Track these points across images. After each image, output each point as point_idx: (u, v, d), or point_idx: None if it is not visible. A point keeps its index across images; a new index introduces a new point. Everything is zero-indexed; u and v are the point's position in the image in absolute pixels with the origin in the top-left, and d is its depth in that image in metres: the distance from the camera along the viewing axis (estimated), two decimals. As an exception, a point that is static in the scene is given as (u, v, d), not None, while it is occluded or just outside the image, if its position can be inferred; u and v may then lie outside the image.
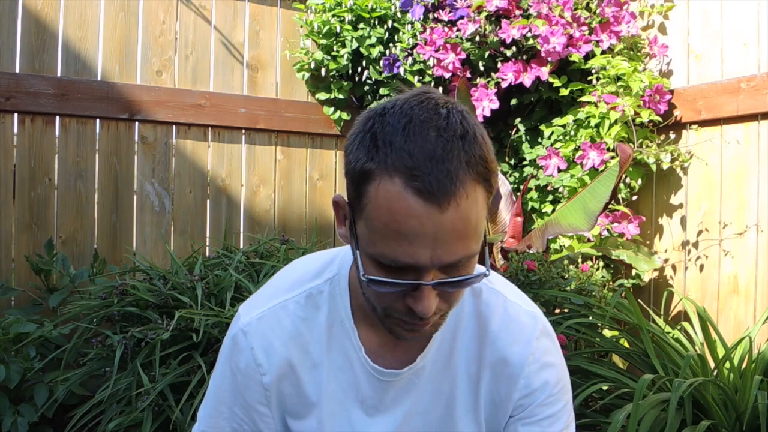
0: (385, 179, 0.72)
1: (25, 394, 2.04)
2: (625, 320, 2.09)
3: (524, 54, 2.73)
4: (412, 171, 0.70)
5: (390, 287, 0.76)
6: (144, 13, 2.78)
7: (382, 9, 2.93)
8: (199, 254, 2.50)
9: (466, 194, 0.72)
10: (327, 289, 0.93)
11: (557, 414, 0.94)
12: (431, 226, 0.71)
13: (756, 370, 1.80)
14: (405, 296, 0.77)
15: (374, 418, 0.95)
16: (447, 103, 0.76)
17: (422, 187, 0.70)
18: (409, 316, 0.79)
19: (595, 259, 2.56)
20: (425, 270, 0.74)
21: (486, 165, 0.75)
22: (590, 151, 2.51)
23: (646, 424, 1.54)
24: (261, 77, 3.05)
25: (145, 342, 1.90)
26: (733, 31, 2.49)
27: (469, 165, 0.72)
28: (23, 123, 2.54)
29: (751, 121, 2.41)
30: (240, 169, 2.99)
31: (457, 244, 0.73)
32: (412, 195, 0.70)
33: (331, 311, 0.93)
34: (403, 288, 0.76)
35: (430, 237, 0.71)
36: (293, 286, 0.95)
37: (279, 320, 0.92)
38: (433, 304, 0.76)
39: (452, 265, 0.75)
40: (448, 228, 0.71)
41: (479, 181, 0.74)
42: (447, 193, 0.70)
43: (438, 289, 0.77)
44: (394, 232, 0.72)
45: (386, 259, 0.74)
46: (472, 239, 0.74)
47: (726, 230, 2.49)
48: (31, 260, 2.40)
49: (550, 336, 0.96)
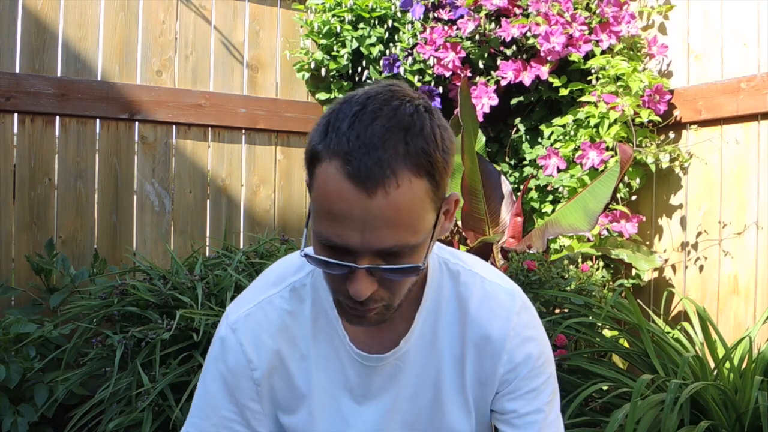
0: (326, 161, 0.76)
1: (25, 394, 2.04)
2: (625, 320, 2.09)
3: (524, 53, 2.73)
4: (347, 155, 0.74)
5: (325, 267, 0.80)
6: (144, 13, 2.78)
7: (382, 9, 2.93)
8: (199, 254, 2.50)
9: (398, 183, 0.74)
10: (309, 281, 0.96)
11: (541, 387, 0.96)
12: (359, 210, 0.74)
13: (756, 371, 1.80)
14: (345, 280, 0.80)
15: (363, 406, 0.96)
16: (406, 98, 0.78)
17: (353, 171, 0.73)
18: (351, 300, 0.81)
19: (595, 259, 2.56)
20: (359, 254, 0.77)
21: (429, 159, 0.76)
22: (590, 150, 2.51)
23: (644, 424, 1.54)
24: (261, 77, 3.05)
25: (146, 342, 1.90)
26: (733, 31, 2.49)
27: (407, 156, 0.74)
28: (23, 123, 2.54)
29: (751, 121, 2.41)
30: (240, 169, 2.99)
31: (385, 231, 0.75)
32: (344, 178, 0.74)
33: (314, 303, 0.95)
34: (338, 269, 0.79)
35: (359, 220, 0.74)
36: (277, 282, 0.97)
37: (266, 315, 0.95)
38: (367, 288, 0.79)
39: (389, 253, 0.77)
40: (377, 214, 0.74)
41: (418, 174, 0.75)
42: (375, 179, 0.73)
43: (374, 276, 0.79)
44: (327, 212, 0.76)
45: (322, 239, 0.78)
46: (405, 230, 0.76)
47: (726, 230, 2.49)
48: (31, 260, 2.40)
49: (529, 310, 0.99)
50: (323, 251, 0.80)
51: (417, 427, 0.98)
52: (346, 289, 0.80)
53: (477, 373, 0.96)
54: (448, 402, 0.96)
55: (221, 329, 0.97)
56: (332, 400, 0.96)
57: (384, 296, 0.82)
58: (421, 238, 0.79)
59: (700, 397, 1.68)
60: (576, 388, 1.78)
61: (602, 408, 1.97)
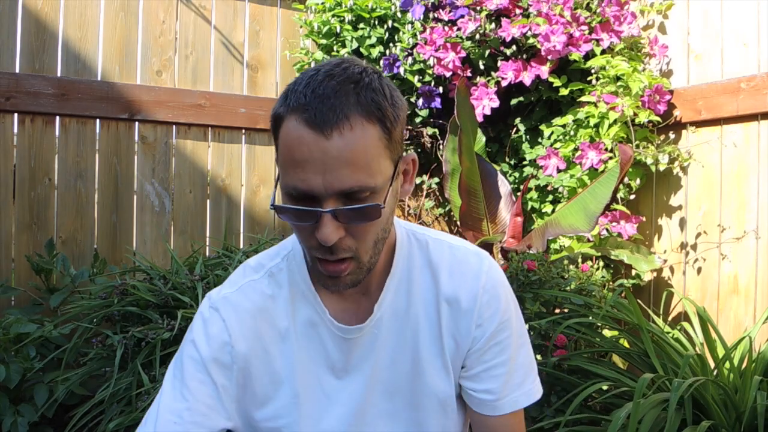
0: (286, 118, 0.84)
1: (25, 394, 2.04)
2: (624, 320, 2.09)
3: (524, 53, 2.73)
4: (304, 107, 0.82)
5: (293, 217, 0.86)
6: (144, 13, 2.78)
7: (382, 9, 2.93)
8: (200, 254, 2.50)
9: (351, 126, 0.81)
10: (285, 265, 1.01)
11: (506, 341, 1.01)
12: (318, 152, 0.81)
13: (756, 370, 1.80)
14: (314, 231, 0.85)
15: (344, 380, 0.99)
16: (355, 62, 0.87)
17: (309, 117, 0.81)
18: (322, 252, 0.87)
19: (595, 259, 2.56)
20: (322, 198, 0.83)
21: (379, 108, 0.84)
22: (588, 150, 2.51)
23: (646, 424, 1.54)
24: (261, 77, 3.05)
25: (146, 342, 1.90)
26: (733, 31, 2.49)
27: (358, 104, 0.82)
28: (23, 123, 2.54)
29: (751, 121, 2.41)
30: (240, 169, 2.99)
31: (344, 171, 0.81)
32: (302, 126, 0.82)
33: (291, 285, 0.99)
34: (305, 217, 0.85)
35: (319, 162, 0.81)
36: (256, 269, 1.02)
37: (247, 296, 0.98)
38: (333, 233, 0.83)
39: (349, 194, 0.83)
40: (335, 155, 0.80)
41: (370, 120, 0.83)
42: (330, 122, 0.80)
43: (339, 221, 0.84)
44: (290, 161, 0.83)
45: (288, 188, 0.84)
46: (362, 171, 0.82)
47: (726, 230, 2.50)
48: (31, 260, 2.40)
49: (496, 269, 1.04)
50: (291, 203, 0.86)
51: (398, 394, 1.00)
52: (316, 241, 0.85)
53: (453, 334, 0.99)
54: (427, 365, 0.99)
55: (203, 308, 1.00)
56: (314, 379, 0.98)
57: (351, 245, 0.87)
58: (379, 181, 0.85)
59: (701, 397, 1.68)
60: (576, 388, 1.78)
61: (602, 408, 1.97)
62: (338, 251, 0.86)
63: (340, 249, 0.86)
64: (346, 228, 0.85)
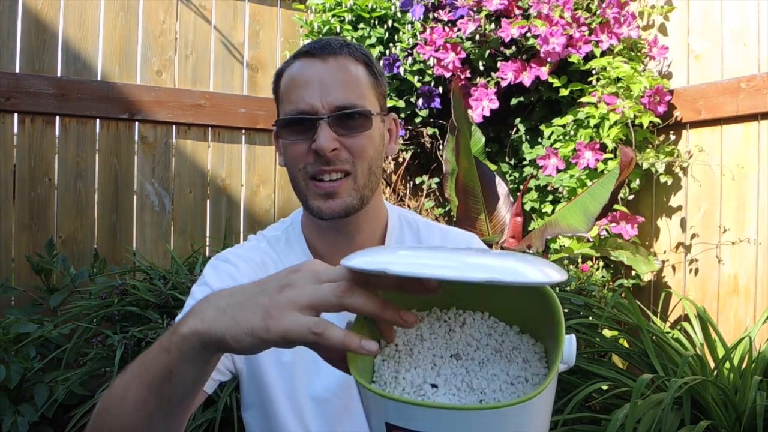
0: (290, 66, 1.01)
1: (25, 394, 2.04)
2: (624, 320, 2.09)
3: (524, 54, 2.73)
4: (305, 49, 1.00)
5: (293, 132, 0.97)
6: (144, 13, 2.79)
7: (382, 9, 2.93)
8: (200, 254, 2.50)
9: (344, 57, 0.99)
10: (284, 236, 1.09)
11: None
12: (316, 73, 0.97)
13: (756, 370, 1.80)
14: (310, 145, 0.96)
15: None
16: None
17: (309, 49, 0.99)
18: (319, 163, 0.96)
19: (595, 259, 2.56)
20: (319, 113, 0.95)
21: (366, 56, 1.02)
22: (585, 151, 2.51)
23: (645, 423, 1.54)
24: (261, 77, 3.05)
25: (146, 342, 1.90)
26: (733, 31, 2.49)
27: (349, 48, 1.00)
28: (23, 123, 2.54)
29: (751, 121, 2.41)
30: (240, 169, 2.99)
31: (339, 89, 0.96)
32: (303, 59, 0.99)
33: (290, 254, 1.06)
34: (304, 130, 0.96)
35: (317, 81, 0.96)
36: (257, 239, 1.10)
37: (251, 254, 1.06)
38: (330, 140, 0.95)
39: (343, 110, 0.96)
40: (330, 75, 0.96)
41: (359, 60, 1.00)
42: (327, 51, 0.98)
43: (333, 129, 0.95)
44: (293, 86, 0.98)
45: (291, 112, 0.97)
46: (353, 91, 0.97)
47: (725, 230, 2.50)
48: (31, 260, 2.40)
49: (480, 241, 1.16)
50: (289, 127, 0.98)
51: None
52: (312, 155, 0.96)
53: None
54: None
55: (211, 263, 1.05)
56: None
57: (347, 158, 0.97)
58: (368, 107, 0.98)
59: (700, 397, 1.68)
60: (576, 388, 1.78)
61: (602, 408, 1.97)
62: (334, 161, 0.96)
63: (336, 159, 0.96)
64: (341, 141, 0.96)
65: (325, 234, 1.05)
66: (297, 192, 1.02)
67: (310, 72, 0.97)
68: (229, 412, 1.81)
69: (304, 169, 0.98)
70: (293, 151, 0.99)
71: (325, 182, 0.96)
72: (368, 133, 0.98)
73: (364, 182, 0.98)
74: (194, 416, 1.79)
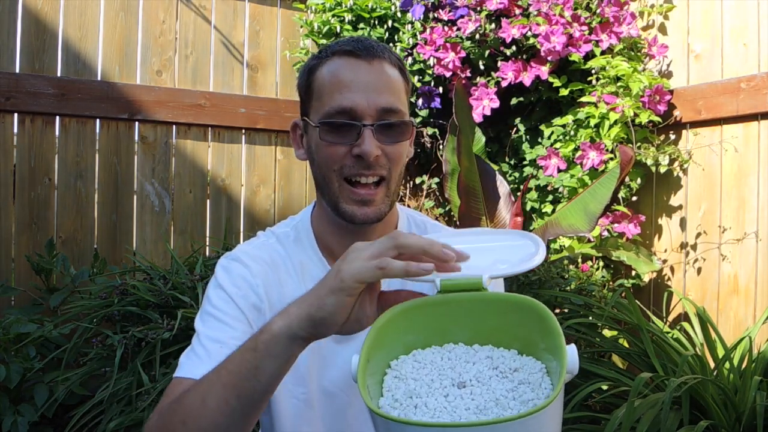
0: (327, 62, 1.00)
1: (25, 394, 2.04)
2: (624, 320, 2.09)
3: (524, 53, 2.73)
4: (346, 49, 0.99)
5: (336, 135, 0.97)
6: (144, 13, 2.79)
7: (382, 9, 2.93)
8: (200, 254, 2.50)
9: (386, 61, 0.99)
10: (293, 233, 1.09)
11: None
12: (363, 75, 0.97)
13: (756, 370, 1.80)
14: (352, 147, 0.96)
15: (342, 345, 1.02)
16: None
17: (354, 49, 0.98)
18: (358, 167, 0.97)
19: (595, 259, 2.56)
20: (364, 115, 0.95)
21: (400, 62, 1.03)
22: (590, 151, 2.51)
23: (645, 423, 1.54)
24: (261, 77, 3.05)
25: (146, 342, 1.90)
26: (733, 31, 2.49)
27: (388, 53, 1.01)
28: (23, 123, 2.54)
29: (751, 121, 2.41)
30: (240, 169, 2.99)
31: (383, 91, 0.97)
32: (348, 57, 0.98)
33: (298, 251, 1.07)
34: (347, 133, 0.96)
35: (363, 82, 0.96)
36: (266, 235, 1.11)
37: (261, 251, 1.06)
38: (375, 147, 0.95)
39: (386, 112, 0.96)
40: (376, 77, 0.97)
41: (395, 65, 1.01)
42: (372, 53, 0.98)
43: (377, 136, 0.96)
44: (337, 84, 0.97)
45: (333, 110, 0.96)
46: (395, 95, 0.98)
47: (725, 230, 2.49)
48: (31, 260, 2.40)
49: None
50: (330, 134, 0.97)
51: None
52: (352, 159, 0.96)
53: None
54: None
55: (221, 263, 1.05)
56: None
57: (385, 164, 0.98)
58: (405, 112, 1.00)
59: (699, 397, 1.68)
60: (575, 388, 1.78)
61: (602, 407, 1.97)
62: (375, 167, 0.97)
63: (377, 165, 0.97)
64: (382, 147, 0.97)
65: (337, 235, 1.06)
66: (325, 190, 1.02)
67: (355, 72, 0.96)
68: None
69: (340, 171, 0.98)
70: (331, 152, 0.98)
71: (361, 188, 0.98)
72: (406, 142, 1.02)
73: (395, 188, 1.01)
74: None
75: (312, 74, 1.01)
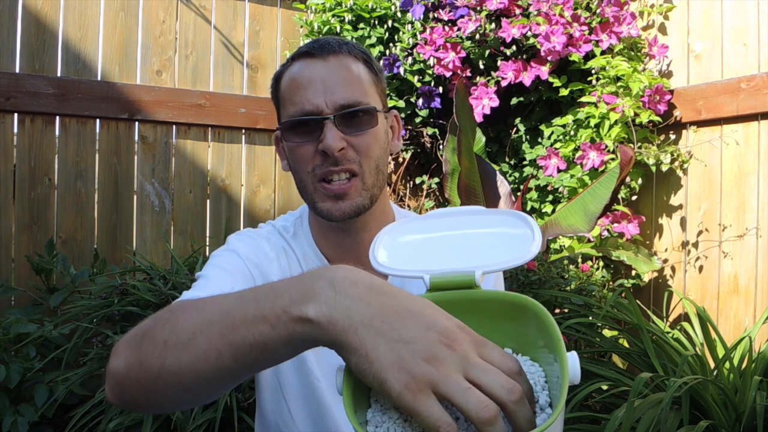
0: (289, 67, 1.01)
1: (25, 394, 2.04)
2: (624, 320, 2.09)
3: (524, 53, 2.73)
4: (303, 50, 1.00)
5: (298, 134, 0.97)
6: (144, 13, 2.79)
7: (382, 9, 2.93)
8: (200, 254, 2.50)
9: (344, 55, 0.98)
10: (292, 228, 1.09)
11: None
12: (317, 73, 0.96)
13: (756, 371, 1.80)
14: (317, 146, 0.96)
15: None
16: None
17: (308, 50, 0.99)
18: (327, 164, 0.96)
19: (595, 259, 2.56)
20: (324, 113, 0.95)
21: (365, 54, 1.02)
22: (590, 151, 2.51)
23: (645, 423, 1.54)
24: (261, 77, 3.05)
25: (145, 342, 1.90)
26: (733, 31, 2.49)
27: (348, 47, 1.00)
28: (23, 123, 2.54)
29: (751, 121, 2.41)
30: (240, 169, 2.99)
31: (343, 88, 0.96)
32: (305, 59, 0.99)
33: (297, 246, 1.07)
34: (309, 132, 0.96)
35: (320, 82, 0.96)
36: (268, 229, 1.10)
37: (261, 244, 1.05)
38: (337, 140, 0.94)
39: (347, 108, 0.95)
40: (332, 73, 0.96)
41: (358, 58, 1.00)
42: (327, 50, 0.98)
43: (340, 128, 0.95)
44: (295, 88, 0.98)
45: (296, 113, 0.96)
46: (356, 89, 0.97)
47: (726, 230, 2.50)
48: (31, 260, 2.40)
49: None
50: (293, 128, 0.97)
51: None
52: (319, 157, 0.96)
53: None
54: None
55: (231, 235, 1.06)
56: None
57: (354, 157, 0.96)
58: (372, 103, 0.98)
59: (699, 397, 1.68)
60: (576, 388, 1.78)
61: (602, 407, 1.97)
62: (342, 161, 0.95)
63: (344, 159, 0.95)
64: (348, 140, 0.96)
65: (331, 235, 1.05)
66: (304, 196, 1.02)
67: (311, 72, 0.96)
68: (229, 412, 1.81)
69: (313, 172, 0.97)
70: (300, 154, 0.98)
71: (333, 184, 0.97)
72: (374, 131, 0.99)
73: (372, 181, 0.99)
74: (194, 416, 1.79)
75: (278, 83, 1.02)
